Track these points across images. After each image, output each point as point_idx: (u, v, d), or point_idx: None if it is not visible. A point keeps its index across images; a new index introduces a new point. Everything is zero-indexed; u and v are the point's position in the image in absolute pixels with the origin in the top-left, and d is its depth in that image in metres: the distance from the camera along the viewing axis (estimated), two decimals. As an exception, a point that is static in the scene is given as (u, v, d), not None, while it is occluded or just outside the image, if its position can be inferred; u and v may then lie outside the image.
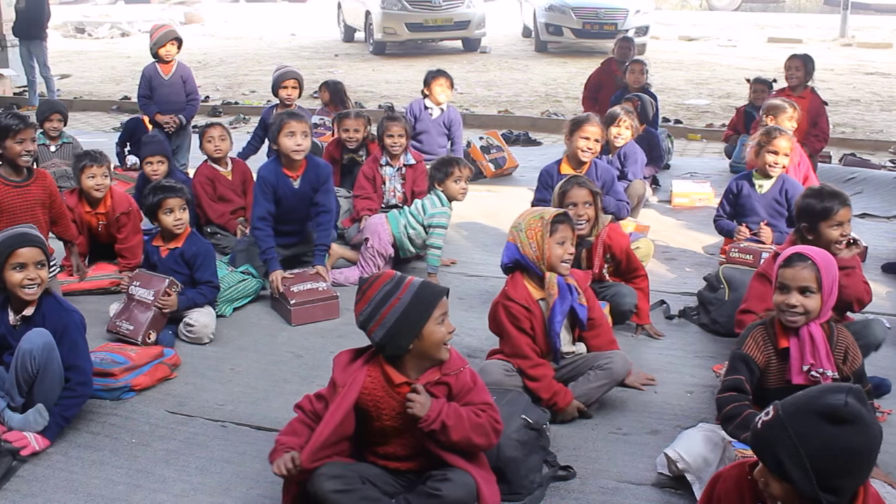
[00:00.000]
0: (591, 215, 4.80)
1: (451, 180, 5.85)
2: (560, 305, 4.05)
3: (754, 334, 3.59)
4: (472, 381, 3.20)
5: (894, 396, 4.34)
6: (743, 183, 6.01)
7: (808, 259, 3.49)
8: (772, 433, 2.27)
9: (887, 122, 11.90)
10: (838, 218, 4.30)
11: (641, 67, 9.27)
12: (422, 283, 3.12)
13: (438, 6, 17.13)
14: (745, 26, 21.99)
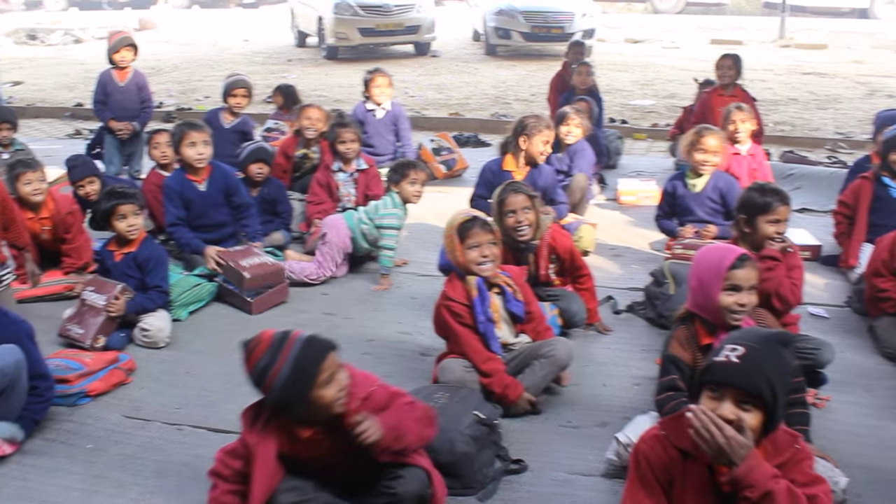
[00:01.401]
0: (531, 220, 4.73)
1: (407, 182, 5.85)
2: (480, 305, 4.08)
3: (677, 335, 3.61)
4: (387, 394, 3.10)
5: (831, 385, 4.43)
6: (677, 183, 6.12)
7: (750, 258, 3.55)
8: (750, 361, 2.51)
9: (824, 120, 12.10)
10: (776, 215, 4.36)
11: (587, 69, 9.37)
12: (301, 347, 2.88)
13: (390, 11, 17.08)
14: (688, 29, 22.20)
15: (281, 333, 2.93)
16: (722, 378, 2.54)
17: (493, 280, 4.17)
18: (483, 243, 4.08)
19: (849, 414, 4.19)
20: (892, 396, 4.42)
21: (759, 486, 2.45)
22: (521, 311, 4.22)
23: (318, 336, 2.96)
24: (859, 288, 5.42)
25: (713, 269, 3.49)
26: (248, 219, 6.09)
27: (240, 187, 6.13)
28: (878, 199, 5.92)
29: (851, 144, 10.48)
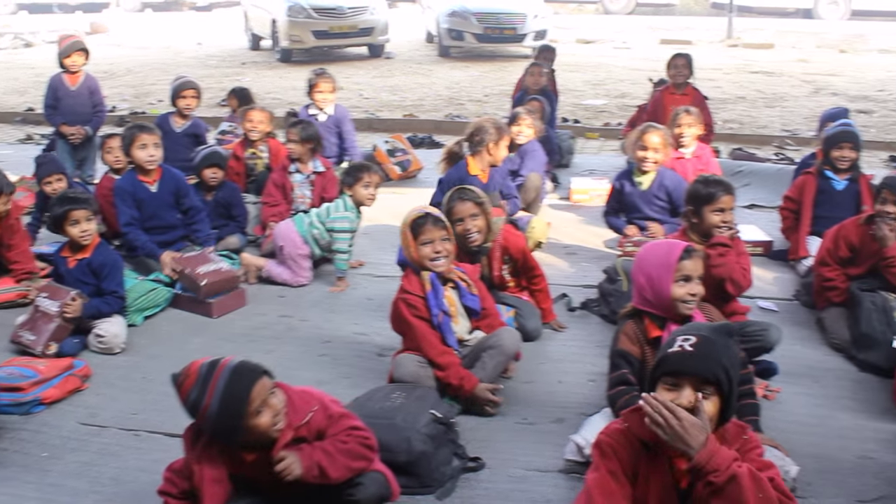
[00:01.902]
0: (480, 226, 4.71)
1: (361, 186, 5.82)
2: (434, 298, 4.13)
3: (625, 330, 3.65)
4: (328, 415, 3.01)
5: (782, 377, 4.50)
6: (624, 181, 6.20)
7: (696, 249, 3.61)
8: (705, 349, 2.57)
9: (771, 117, 12.26)
10: (721, 204, 4.45)
11: (540, 70, 9.41)
12: (228, 379, 2.79)
13: (343, 13, 17.02)
14: (638, 29, 22.38)
15: (208, 365, 2.85)
16: (679, 367, 2.57)
17: (447, 275, 4.20)
18: (436, 239, 4.12)
19: (799, 405, 4.25)
20: (841, 387, 4.50)
21: (723, 470, 2.46)
22: (476, 306, 4.26)
23: (245, 364, 2.87)
24: (807, 281, 5.51)
25: (662, 262, 3.55)
26: (198, 223, 6.04)
27: (189, 191, 6.08)
28: (821, 192, 6.05)
29: (798, 141, 10.63)
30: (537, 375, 4.49)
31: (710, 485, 2.48)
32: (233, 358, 2.89)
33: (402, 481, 3.40)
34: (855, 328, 4.80)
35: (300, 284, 5.86)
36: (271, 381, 2.89)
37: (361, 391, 3.94)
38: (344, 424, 3.01)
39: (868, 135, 9.99)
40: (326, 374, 4.58)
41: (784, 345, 4.70)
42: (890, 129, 11.53)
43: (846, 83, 14.95)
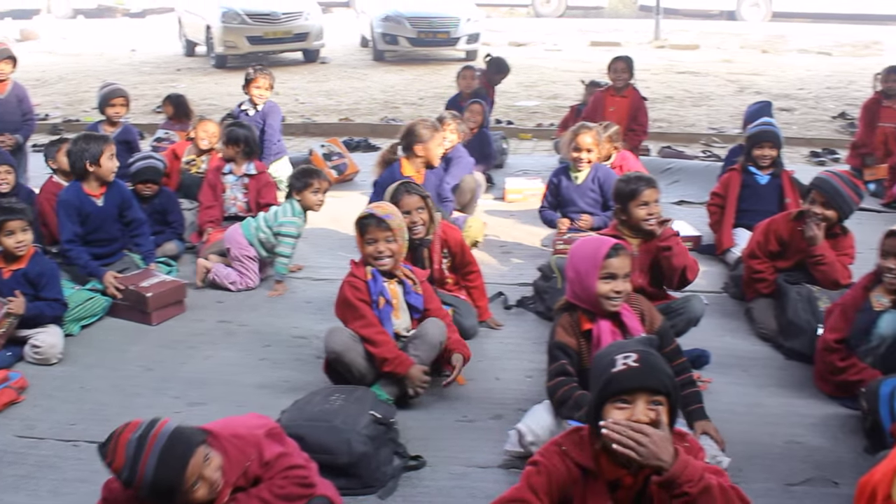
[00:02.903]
0: (424, 219, 4.84)
1: (310, 191, 5.79)
2: (374, 286, 4.18)
3: (561, 322, 3.70)
4: (263, 463, 2.88)
5: (713, 367, 4.58)
6: (561, 176, 6.29)
7: (624, 247, 3.65)
8: (650, 362, 2.56)
9: (698, 116, 12.47)
10: (644, 198, 4.54)
11: (472, 73, 9.45)
12: (158, 461, 2.60)
13: (278, 19, 16.89)
14: (569, 31, 22.57)
15: (136, 442, 2.63)
16: (632, 384, 2.52)
17: (393, 271, 4.24)
18: (379, 239, 4.16)
19: (730, 394, 4.33)
20: (768, 375, 4.60)
21: (696, 480, 2.44)
22: (419, 304, 4.30)
23: (174, 443, 2.65)
24: (736, 274, 5.62)
25: (589, 259, 3.59)
26: (140, 237, 5.87)
27: (133, 203, 5.91)
28: (746, 187, 6.19)
29: (724, 139, 10.84)
30: (475, 373, 4.50)
31: (685, 495, 2.44)
32: (162, 429, 2.67)
33: (343, 483, 3.40)
34: (782, 318, 4.91)
35: (249, 287, 5.81)
36: (204, 448, 2.70)
37: (301, 394, 3.91)
38: (280, 466, 2.91)
39: (789, 131, 10.23)
40: (266, 379, 4.54)
41: (714, 336, 4.81)
42: (810, 126, 11.82)
43: (769, 82, 15.28)
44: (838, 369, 4.21)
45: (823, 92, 14.33)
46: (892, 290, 4.11)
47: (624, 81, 8.77)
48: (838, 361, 4.21)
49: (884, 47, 19.68)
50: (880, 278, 4.16)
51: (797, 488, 3.55)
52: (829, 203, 4.90)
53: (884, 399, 3.70)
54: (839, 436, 3.96)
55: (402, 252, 4.28)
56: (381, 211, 4.25)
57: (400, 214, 4.37)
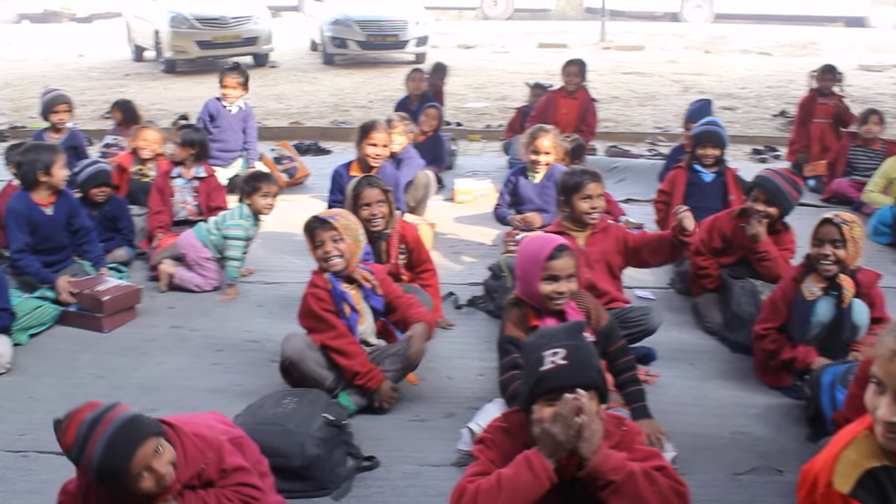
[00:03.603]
0: (384, 212, 4.89)
1: (259, 195, 5.77)
2: (336, 294, 4.13)
3: (511, 317, 3.72)
4: (220, 469, 2.85)
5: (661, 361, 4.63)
6: (518, 177, 6.34)
7: (568, 247, 3.67)
8: (577, 357, 2.57)
9: (643, 115, 12.61)
10: (588, 191, 4.59)
11: (421, 76, 9.46)
12: (106, 445, 2.56)
13: (227, 23, 16.73)
14: (516, 34, 22.67)
15: (87, 425, 2.59)
16: (560, 383, 2.54)
17: (350, 274, 4.18)
18: (326, 241, 4.11)
19: (677, 387, 4.38)
20: (714, 368, 4.66)
21: (621, 468, 2.48)
22: (380, 305, 4.25)
23: (125, 428, 2.60)
24: (682, 270, 5.68)
25: (533, 259, 3.62)
26: (89, 244, 5.78)
27: (80, 211, 5.82)
28: (691, 185, 6.26)
29: (669, 137, 10.97)
30: (427, 373, 4.49)
31: (610, 483, 2.49)
32: (117, 414, 2.63)
33: (298, 486, 3.39)
34: (727, 311, 4.99)
35: (213, 287, 5.78)
36: (156, 440, 2.65)
37: (254, 398, 3.87)
38: (234, 479, 2.87)
39: (732, 130, 10.36)
40: (219, 383, 4.49)
41: (661, 330, 4.84)
42: (752, 125, 12.01)
43: (712, 82, 15.49)
44: (771, 352, 4.29)
45: (764, 91, 14.57)
46: (826, 278, 4.18)
47: (576, 85, 8.88)
48: (769, 345, 4.29)
49: (821, 47, 20.07)
50: (811, 269, 4.23)
51: (743, 477, 3.60)
52: (771, 200, 4.99)
53: (825, 388, 3.77)
54: (783, 425, 4.03)
55: (356, 252, 4.20)
56: (324, 213, 4.24)
57: (349, 215, 4.33)
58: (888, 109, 11.79)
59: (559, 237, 3.84)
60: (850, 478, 2.07)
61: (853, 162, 8.06)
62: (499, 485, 2.53)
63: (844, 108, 8.88)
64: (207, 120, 8.02)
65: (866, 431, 2.13)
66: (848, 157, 8.08)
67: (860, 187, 7.64)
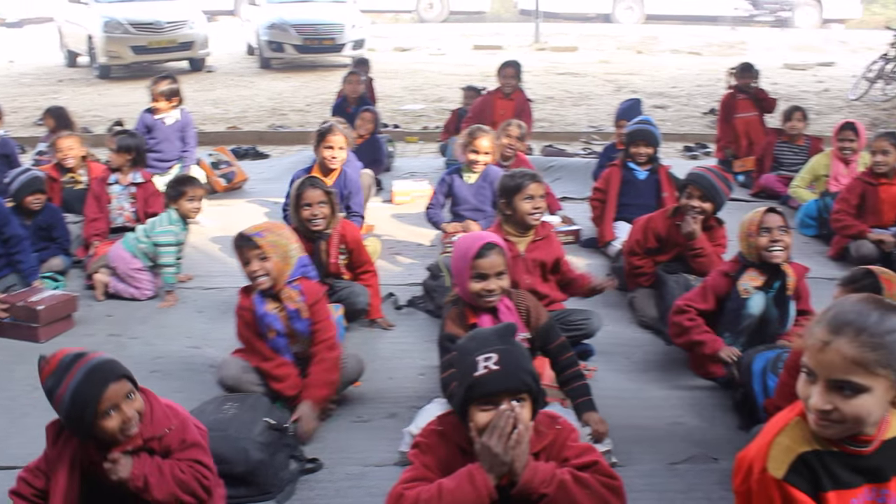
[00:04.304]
0: (325, 213, 4.88)
1: (185, 200, 5.69)
2: (260, 317, 4.00)
3: (450, 315, 3.73)
4: (181, 439, 2.93)
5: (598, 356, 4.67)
6: (454, 176, 6.33)
7: (496, 245, 3.68)
8: (509, 362, 2.56)
9: (578, 115, 12.73)
10: (529, 191, 4.57)
11: (358, 78, 9.45)
12: (84, 377, 2.71)
13: (162, 28, 16.48)
14: (452, 36, 22.71)
15: (72, 356, 2.78)
16: (493, 389, 2.53)
17: (278, 294, 4.02)
18: (251, 259, 3.97)
19: (614, 380, 4.42)
20: (650, 361, 4.73)
21: (551, 480, 2.49)
22: (304, 329, 4.06)
23: (107, 364, 2.79)
24: (617, 265, 5.75)
25: (462, 258, 3.64)
26: (21, 254, 5.59)
27: (10, 219, 5.64)
28: (625, 182, 6.34)
29: (603, 136, 11.08)
30: (369, 374, 4.45)
31: (544, 497, 2.50)
32: (100, 355, 2.82)
33: (242, 491, 3.35)
34: (661, 306, 5.05)
35: (148, 297, 5.67)
36: (130, 386, 2.80)
37: (195, 404, 3.80)
38: (191, 455, 2.92)
39: (664, 128, 10.51)
40: (158, 390, 4.25)
41: (598, 325, 4.90)
42: (683, 122, 12.20)
43: (644, 81, 15.70)
44: (684, 329, 4.29)
45: (694, 90, 14.81)
46: (768, 270, 4.22)
47: (512, 86, 8.94)
48: (686, 321, 4.28)
49: (747, 46, 20.48)
50: (745, 266, 4.29)
51: (680, 466, 3.65)
52: (705, 196, 5.06)
53: (757, 375, 3.84)
54: (717, 415, 4.10)
55: (284, 270, 3.99)
56: (252, 229, 4.05)
57: (280, 231, 4.10)
58: (811, 106, 12.10)
59: (489, 235, 3.85)
60: (784, 463, 2.12)
61: (779, 158, 8.23)
62: (440, 496, 2.52)
63: (761, 92, 9.12)
64: (144, 131, 7.84)
65: (798, 418, 2.17)
66: (774, 153, 8.26)
67: (787, 182, 7.80)
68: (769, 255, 4.17)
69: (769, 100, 9.12)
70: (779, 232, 4.16)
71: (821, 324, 2.09)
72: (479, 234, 3.94)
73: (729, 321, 4.28)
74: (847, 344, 2.02)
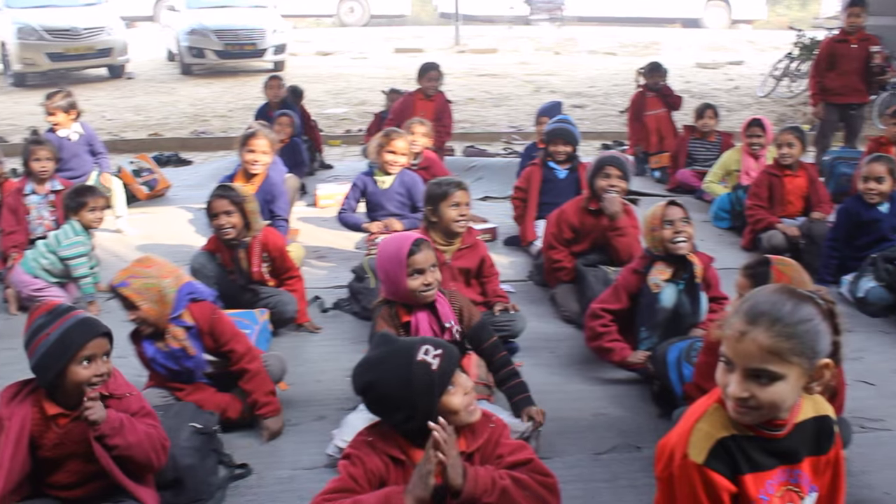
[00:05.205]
0: (233, 222, 4.75)
1: (86, 210, 5.53)
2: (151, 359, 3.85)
3: (382, 314, 3.72)
4: (141, 406, 3.06)
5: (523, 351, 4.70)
6: (367, 180, 6.25)
7: (424, 240, 3.72)
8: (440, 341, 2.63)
9: (498, 116, 12.81)
10: (456, 199, 4.60)
11: (279, 83, 9.34)
12: (77, 322, 2.88)
13: (79, 35, 16.05)
14: (374, 40, 22.65)
15: (67, 306, 3.00)
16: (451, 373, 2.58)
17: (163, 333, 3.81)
18: (128, 309, 3.74)
19: (539, 375, 4.43)
20: (573, 355, 4.76)
21: (492, 488, 2.48)
22: (194, 365, 3.85)
23: (96, 319, 2.97)
24: (539, 263, 5.79)
25: (394, 259, 3.62)
26: None
27: None
28: (546, 181, 6.38)
29: (523, 136, 11.18)
30: (296, 378, 4.42)
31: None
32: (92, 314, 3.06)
33: (170, 497, 3.27)
34: (582, 300, 5.10)
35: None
36: (109, 347, 2.95)
37: (120, 414, 3.73)
38: (150, 421, 3.06)
39: (583, 126, 10.63)
40: None
41: (522, 322, 4.92)
42: (601, 121, 12.37)
43: (562, 82, 15.89)
44: (596, 334, 4.36)
45: (611, 89, 15.03)
46: (675, 261, 4.29)
47: (434, 88, 8.95)
48: (599, 327, 4.36)
49: (661, 47, 20.87)
50: (653, 260, 4.34)
51: (604, 456, 3.69)
52: (623, 175, 5.21)
53: (672, 365, 3.90)
54: (638, 405, 4.16)
55: (162, 311, 3.71)
56: (118, 277, 3.72)
57: (148, 270, 3.74)
58: (722, 103, 12.41)
59: (413, 234, 3.86)
60: (704, 449, 2.16)
61: (693, 153, 8.40)
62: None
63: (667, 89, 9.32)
64: None
65: (716, 405, 2.22)
66: (688, 149, 8.42)
67: (701, 177, 7.97)
68: (674, 246, 4.24)
69: (675, 97, 9.34)
70: (681, 223, 4.23)
71: (738, 315, 2.13)
72: (405, 234, 3.94)
73: (644, 316, 4.34)
74: (762, 334, 2.07)
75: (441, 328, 3.69)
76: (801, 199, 6.55)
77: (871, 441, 3.79)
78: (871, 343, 4.89)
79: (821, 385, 2.16)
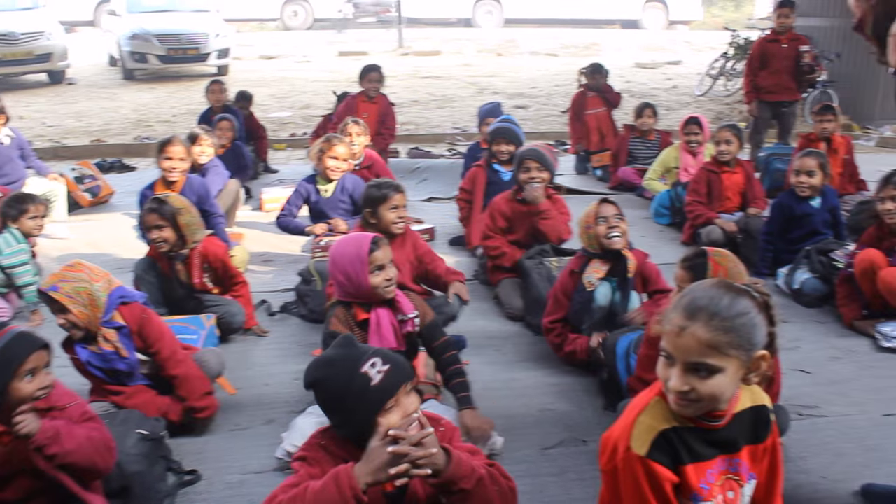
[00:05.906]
0: (165, 236, 4.64)
1: (27, 218, 5.42)
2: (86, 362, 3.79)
3: (336, 314, 3.70)
4: (82, 413, 2.99)
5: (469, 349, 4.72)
6: (309, 187, 6.19)
7: (381, 237, 3.71)
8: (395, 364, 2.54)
9: (442, 117, 12.82)
10: (394, 202, 4.66)
11: (221, 87, 9.24)
12: (14, 336, 2.78)
13: (17, 40, 15.68)
14: (318, 43, 22.53)
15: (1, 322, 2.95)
16: (395, 385, 2.49)
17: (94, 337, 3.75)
18: (57, 315, 3.68)
19: (486, 372, 4.46)
20: (519, 351, 4.80)
21: (471, 475, 2.43)
22: (126, 367, 3.79)
23: (32, 333, 2.87)
24: (483, 262, 5.81)
25: (355, 259, 3.60)
26: None
27: None
28: (490, 183, 6.39)
29: (467, 137, 11.22)
30: (244, 381, 4.38)
31: (462, 492, 2.43)
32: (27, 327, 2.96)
33: (119, 505, 3.22)
34: (527, 297, 5.14)
35: (6, 319, 5.28)
36: (49, 359, 2.87)
37: (64, 423, 3.65)
38: (94, 423, 3.01)
39: (525, 126, 10.68)
40: None
41: (468, 321, 4.95)
42: (543, 121, 12.46)
43: (505, 83, 15.96)
44: (558, 345, 4.51)
45: (553, 89, 15.15)
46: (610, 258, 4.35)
47: (375, 90, 8.92)
48: (555, 339, 4.51)
49: (601, 48, 21.08)
50: (588, 259, 4.40)
51: (552, 451, 3.71)
52: (542, 166, 5.32)
53: (620, 355, 3.94)
54: (584, 399, 4.19)
55: (93, 315, 3.65)
56: (48, 282, 3.65)
57: (78, 274, 3.66)
58: (661, 102, 12.57)
59: (367, 233, 3.83)
60: (646, 441, 2.18)
61: (633, 152, 8.50)
62: (304, 496, 2.43)
63: (606, 87, 9.42)
64: None
65: (658, 398, 2.25)
66: (628, 147, 8.52)
67: (642, 174, 8.06)
68: (608, 241, 4.30)
69: (614, 94, 9.46)
70: (615, 219, 4.31)
71: (677, 310, 2.16)
72: (359, 234, 3.88)
73: (578, 315, 4.40)
74: (701, 328, 2.10)
75: (401, 322, 3.68)
76: (739, 195, 6.67)
77: (808, 427, 3.87)
78: (806, 333, 5.00)
79: (758, 376, 2.20)
